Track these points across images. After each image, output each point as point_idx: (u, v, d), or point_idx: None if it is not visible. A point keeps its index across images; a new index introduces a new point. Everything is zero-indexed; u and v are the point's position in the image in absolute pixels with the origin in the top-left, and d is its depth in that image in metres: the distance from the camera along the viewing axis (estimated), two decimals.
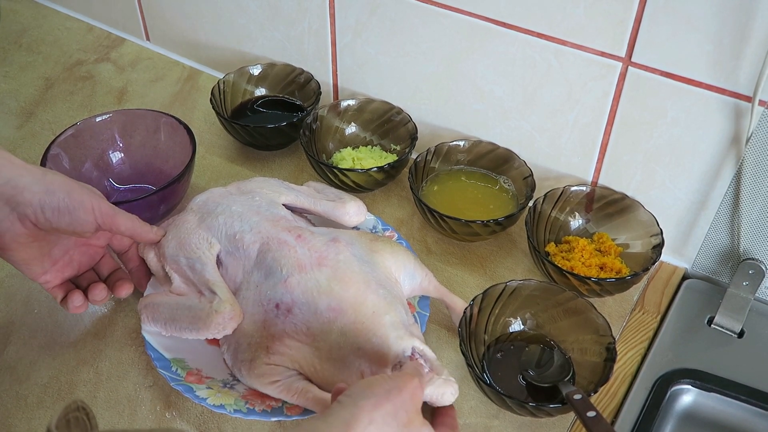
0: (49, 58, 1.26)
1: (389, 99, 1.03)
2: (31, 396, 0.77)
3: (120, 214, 0.76)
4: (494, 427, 0.75)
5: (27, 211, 0.70)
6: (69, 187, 0.73)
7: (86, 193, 0.73)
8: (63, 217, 0.72)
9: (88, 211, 0.73)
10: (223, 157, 1.06)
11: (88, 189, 0.75)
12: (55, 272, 0.78)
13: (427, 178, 0.97)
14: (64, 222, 0.72)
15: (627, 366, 0.80)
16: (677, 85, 0.78)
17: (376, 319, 0.70)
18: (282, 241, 0.76)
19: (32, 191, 0.70)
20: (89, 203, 0.73)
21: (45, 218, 0.71)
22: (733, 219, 0.82)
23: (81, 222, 0.73)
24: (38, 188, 0.71)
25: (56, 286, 0.79)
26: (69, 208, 0.71)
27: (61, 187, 0.72)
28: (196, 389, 0.73)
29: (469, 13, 0.88)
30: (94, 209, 0.73)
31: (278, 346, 0.71)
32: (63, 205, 0.71)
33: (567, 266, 0.85)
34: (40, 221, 0.71)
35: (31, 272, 0.76)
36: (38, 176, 0.72)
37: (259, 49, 1.14)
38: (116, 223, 0.75)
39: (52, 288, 0.79)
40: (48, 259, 0.76)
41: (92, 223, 0.73)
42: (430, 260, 0.91)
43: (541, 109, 0.90)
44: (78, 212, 0.72)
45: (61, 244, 0.77)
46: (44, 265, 0.76)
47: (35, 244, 0.74)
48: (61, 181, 0.73)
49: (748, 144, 0.77)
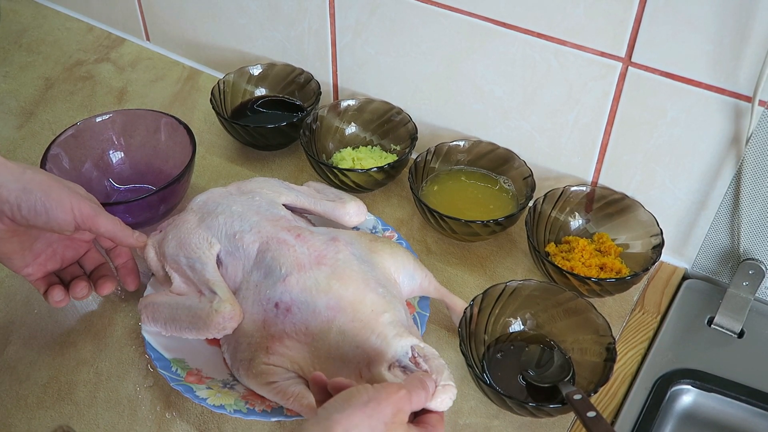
0: (49, 58, 1.26)
1: (389, 99, 1.03)
2: (31, 396, 0.77)
3: (101, 215, 0.75)
4: (494, 427, 0.75)
5: (4, 207, 0.70)
6: (48, 186, 0.72)
7: (66, 194, 0.72)
8: (40, 216, 0.71)
9: (67, 211, 0.72)
10: (223, 157, 1.06)
11: (69, 189, 0.74)
12: (37, 266, 0.78)
13: (427, 178, 0.97)
14: (41, 221, 0.71)
15: (627, 366, 0.80)
16: (677, 85, 0.78)
17: (375, 318, 0.70)
18: (281, 241, 0.76)
19: (9, 189, 0.70)
20: (68, 203, 0.72)
21: (21, 216, 0.71)
22: (733, 219, 0.82)
23: (59, 221, 0.72)
24: (15, 186, 0.70)
25: (39, 279, 0.79)
26: (46, 207, 0.71)
27: (39, 186, 0.71)
28: (196, 389, 0.73)
29: (469, 13, 0.88)
30: (74, 209, 0.72)
31: (278, 347, 0.71)
32: (40, 204, 0.71)
33: (567, 266, 0.85)
34: (17, 218, 0.71)
35: (12, 265, 0.76)
36: (17, 174, 0.71)
37: (259, 49, 1.14)
38: (96, 224, 0.74)
39: (35, 281, 0.79)
40: (29, 253, 0.77)
41: (71, 222, 0.73)
42: (430, 260, 0.91)
43: (541, 109, 0.90)
44: (56, 212, 0.71)
45: (44, 238, 0.78)
46: (25, 258, 0.76)
47: (15, 238, 0.74)
48: (40, 180, 0.72)
49: (748, 144, 0.77)
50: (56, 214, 0.71)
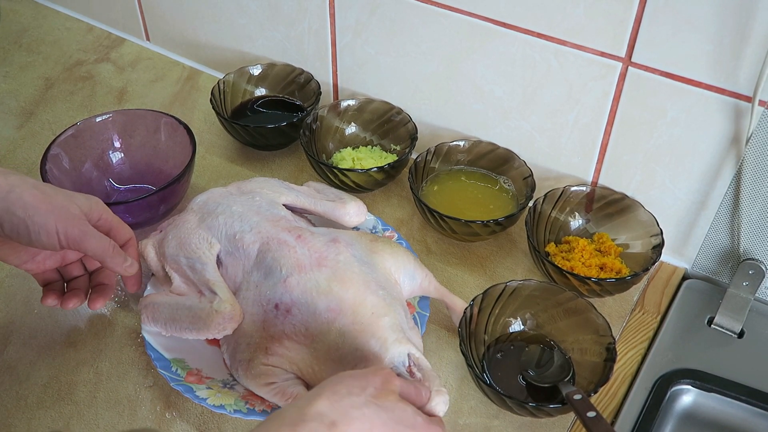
0: (49, 58, 1.26)
1: (389, 99, 1.03)
2: (31, 396, 0.77)
3: (90, 239, 0.72)
4: (494, 427, 0.75)
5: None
6: (33, 208, 0.69)
7: (53, 217, 0.70)
8: (22, 237, 0.70)
9: (51, 235, 0.70)
10: (223, 157, 1.06)
11: (58, 210, 0.71)
12: (36, 263, 0.78)
13: (427, 178, 0.97)
14: (24, 240, 0.71)
15: (627, 366, 0.80)
16: (677, 85, 0.78)
17: (375, 321, 0.69)
18: (282, 241, 0.76)
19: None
20: (53, 227, 0.70)
21: (4, 233, 0.70)
22: (733, 219, 0.82)
23: (42, 243, 0.71)
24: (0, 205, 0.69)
25: (39, 274, 0.79)
26: (29, 230, 0.70)
27: (23, 208, 0.69)
28: (196, 389, 0.73)
29: (469, 13, 0.88)
30: (59, 233, 0.70)
31: (277, 348, 0.71)
32: (22, 226, 0.69)
33: (567, 266, 0.85)
34: (1, 233, 0.70)
35: (10, 263, 0.76)
36: (3, 192, 0.69)
37: (259, 49, 1.14)
38: (84, 247, 0.72)
39: (35, 275, 0.79)
40: (25, 253, 0.76)
41: (55, 245, 0.71)
42: (430, 260, 0.91)
43: (541, 109, 0.90)
44: (38, 235, 0.70)
45: None
46: (21, 257, 0.76)
47: (6, 246, 0.74)
48: (25, 203, 0.69)
49: (748, 144, 0.77)
50: (39, 237, 0.70)
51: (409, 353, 0.67)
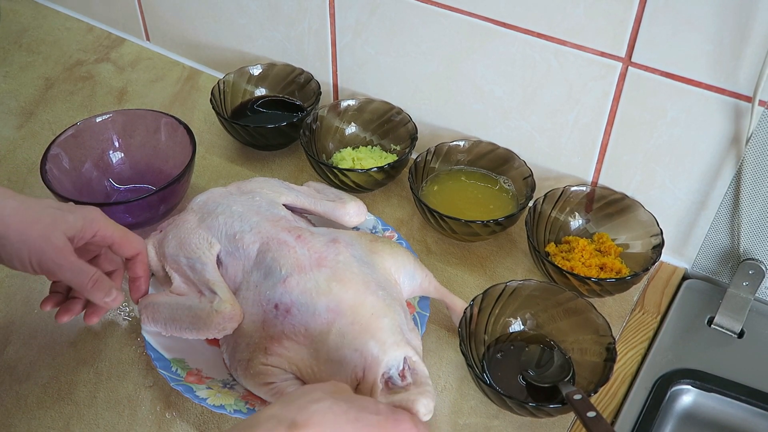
0: (49, 58, 1.26)
1: (389, 99, 1.03)
2: (31, 396, 0.77)
3: (66, 272, 0.71)
4: (494, 427, 0.75)
5: None
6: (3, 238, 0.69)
7: (26, 247, 0.69)
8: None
9: (24, 262, 0.70)
10: (223, 157, 1.06)
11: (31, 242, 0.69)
12: None
13: (427, 178, 0.97)
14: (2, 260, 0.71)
15: (627, 366, 0.80)
16: (677, 85, 0.78)
17: (375, 322, 0.69)
18: (282, 241, 0.76)
19: None
20: (26, 256, 0.69)
21: None
22: (733, 219, 0.82)
23: (17, 269, 0.71)
24: None
25: None
26: (1, 256, 0.70)
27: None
28: (196, 389, 0.73)
29: (469, 13, 0.88)
30: (32, 264, 0.70)
31: (276, 348, 0.71)
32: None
33: (567, 266, 0.85)
34: None
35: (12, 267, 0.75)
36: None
37: (259, 49, 1.14)
38: (59, 277, 0.72)
39: None
40: None
41: (29, 272, 0.71)
42: (430, 260, 0.91)
43: (541, 109, 0.90)
44: (11, 262, 0.70)
45: None
46: None
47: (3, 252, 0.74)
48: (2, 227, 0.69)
49: (748, 144, 0.77)
50: (12, 263, 0.70)
51: (406, 357, 0.67)
